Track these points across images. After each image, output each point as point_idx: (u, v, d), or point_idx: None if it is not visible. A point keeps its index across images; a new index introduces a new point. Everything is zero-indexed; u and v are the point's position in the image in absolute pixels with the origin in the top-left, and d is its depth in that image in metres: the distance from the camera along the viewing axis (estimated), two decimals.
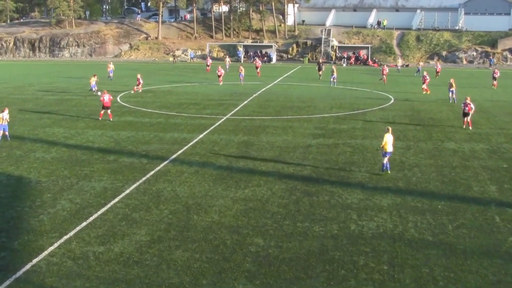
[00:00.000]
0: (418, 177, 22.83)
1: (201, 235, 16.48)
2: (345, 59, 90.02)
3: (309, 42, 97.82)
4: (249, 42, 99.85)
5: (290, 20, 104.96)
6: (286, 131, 31.73)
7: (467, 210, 18.90)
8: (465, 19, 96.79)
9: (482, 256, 15.19)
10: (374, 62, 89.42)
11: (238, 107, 40.45)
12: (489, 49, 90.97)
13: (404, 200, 19.91)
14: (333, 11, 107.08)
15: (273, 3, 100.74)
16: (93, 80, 48.52)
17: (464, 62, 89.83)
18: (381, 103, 43.50)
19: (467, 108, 32.79)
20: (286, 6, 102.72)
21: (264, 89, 52.36)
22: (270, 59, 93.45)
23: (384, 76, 58.72)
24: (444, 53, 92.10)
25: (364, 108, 40.61)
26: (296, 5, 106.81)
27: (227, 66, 69.72)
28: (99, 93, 38.67)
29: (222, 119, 35.35)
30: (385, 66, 64.36)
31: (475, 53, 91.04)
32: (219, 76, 56.01)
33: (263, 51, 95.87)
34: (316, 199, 19.83)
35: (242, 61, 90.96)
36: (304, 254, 15.22)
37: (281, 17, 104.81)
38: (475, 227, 17.38)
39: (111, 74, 60.22)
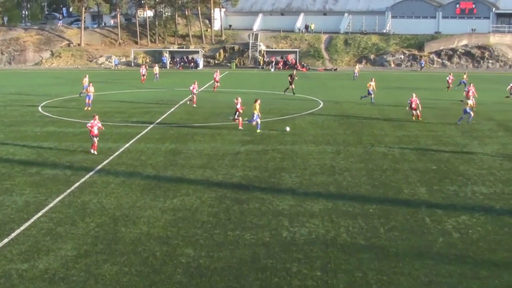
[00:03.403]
0: (349, 181, 23.00)
1: (129, 247, 16.04)
2: (273, 64, 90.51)
3: (236, 47, 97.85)
4: (175, 47, 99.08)
5: (216, 25, 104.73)
6: (215, 138, 31.48)
7: (398, 213, 19.14)
8: (392, 22, 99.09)
9: (414, 258, 15.38)
10: (303, 66, 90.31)
11: (165, 115, 39.93)
12: (416, 52, 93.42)
13: (335, 204, 19.98)
14: (260, 15, 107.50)
15: (199, 8, 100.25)
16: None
17: (392, 65, 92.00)
18: (310, 107, 43.83)
19: None
20: (212, 11, 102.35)
21: (191, 95, 51.76)
22: (197, 65, 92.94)
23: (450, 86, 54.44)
24: (372, 56, 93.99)
25: (293, 113, 40.80)
26: (223, 10, 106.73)
27: (157, 75, 68.46)
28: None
29: (149, 127, 34.78)
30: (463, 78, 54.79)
31: (402, 56, 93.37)
32: (194, 94, 45.55)
33: (190, 57, 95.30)
34: (247, 207, 19.67)
35: (168, 67, 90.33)
36: (236, 263, 15.02)
37: (207, 22, 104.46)
38: (406, 229, 17.61)
39: (85, 90, 49.87)
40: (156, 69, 70.01)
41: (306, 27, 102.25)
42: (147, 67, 72.02)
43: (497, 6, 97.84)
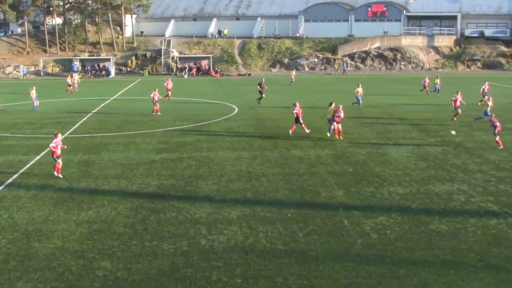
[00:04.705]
0: (266, 187, 23.06)
1: (44, 263, 15.53)
2: (186, 70, 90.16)
3: (148, 54, 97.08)
4: (85, 55, 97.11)
5: (128, 32, 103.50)
6: (129, 148, 30.98)
7: (317, 216, 19.31)
8: (305, 26, 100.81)
9: (334, 261, 15.57)
10: (216, 72, 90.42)
11: (77, 125, 38.96)
12: (330, 55, 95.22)
13: (253, 210, 20.00)
14: (172, 21, 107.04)
15: (109, 15, 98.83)
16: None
17: (306, 68, 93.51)
18: (225, 113, 43.84)
19: None
20: (123, 17, 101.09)
21: (103, 104, 51.04)
22: (108, 73, 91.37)
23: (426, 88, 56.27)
24: (286, 60, 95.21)
25: (208, 119, 40.70)
26: (134, 16, 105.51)
27: (76, 85, 66.82)
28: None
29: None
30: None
31: (316, 60, 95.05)
32: (156, 102, 43.63)
33: (101, 65, 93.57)
34: (163, 216, 19.43)
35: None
36: (155, 274, 14.81)
37: (118, 28, 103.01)
38: (325, 232, 17.79)
39: (36, 103, 48.15)
40: (75, 78, 68.56)
41: (219, 32, 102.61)
42: (73, 76, 70.13)
43: (407, 9, 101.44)
